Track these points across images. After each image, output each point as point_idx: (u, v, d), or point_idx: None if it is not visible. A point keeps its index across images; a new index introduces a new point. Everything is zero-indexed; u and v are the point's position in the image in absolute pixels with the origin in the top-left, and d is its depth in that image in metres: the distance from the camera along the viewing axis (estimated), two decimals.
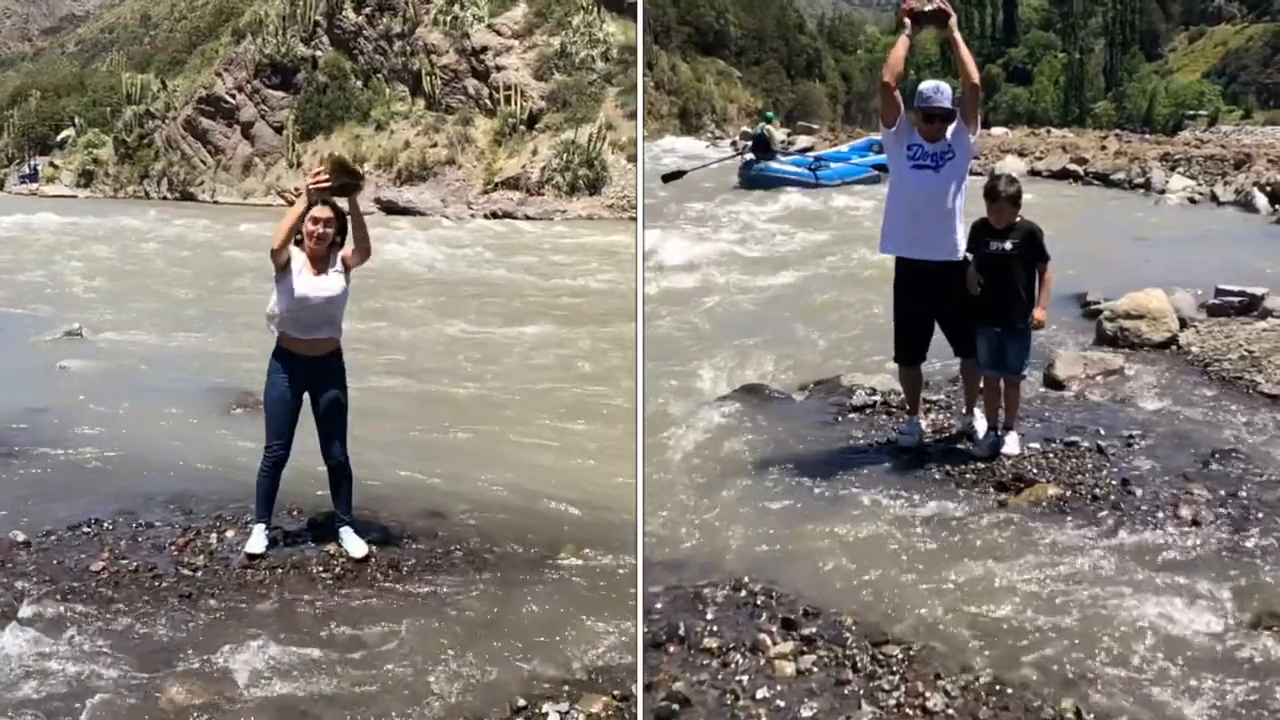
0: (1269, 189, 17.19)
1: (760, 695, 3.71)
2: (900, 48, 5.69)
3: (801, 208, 18.32)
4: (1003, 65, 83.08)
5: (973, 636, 4.03)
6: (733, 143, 27.31)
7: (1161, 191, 19.46)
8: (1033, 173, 23.69)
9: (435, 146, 31.23)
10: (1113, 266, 10.88)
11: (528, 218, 27.02)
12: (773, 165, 21.97)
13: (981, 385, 5.93)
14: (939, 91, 5.60)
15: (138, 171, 36.93)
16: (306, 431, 5.19)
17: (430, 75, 32.64)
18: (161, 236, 20.93)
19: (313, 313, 5.03)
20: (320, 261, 5.06)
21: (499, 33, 32.46)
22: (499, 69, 31.94)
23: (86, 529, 5.36)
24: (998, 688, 3.72)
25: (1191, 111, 70.17)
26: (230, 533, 5.32)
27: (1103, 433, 5.93)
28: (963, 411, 6.19)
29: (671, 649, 4.03)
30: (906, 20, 5.66)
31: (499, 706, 3.89)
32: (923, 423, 6.10)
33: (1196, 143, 33.70)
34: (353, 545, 5.12)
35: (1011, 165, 24.03)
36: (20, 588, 4.69)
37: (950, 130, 5.61)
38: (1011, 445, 5.72)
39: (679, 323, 9.78)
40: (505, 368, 9.33)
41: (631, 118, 29.42)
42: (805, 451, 5.97)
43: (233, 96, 35.04)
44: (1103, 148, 28.65)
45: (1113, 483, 5.27)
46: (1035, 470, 5.49)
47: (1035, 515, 4.98)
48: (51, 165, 40.67)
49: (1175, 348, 7.71)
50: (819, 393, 7.10)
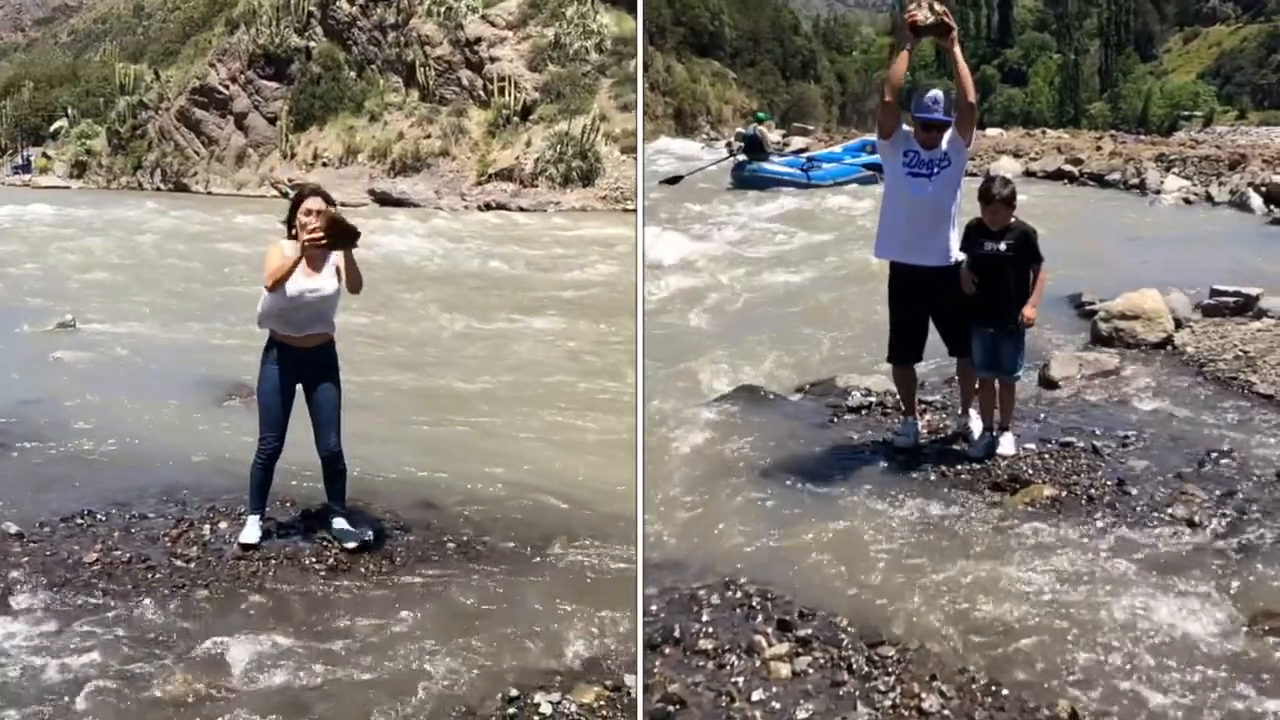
0: (1264, 189, 17.22)
1: (756, 697, 3.71)
2: (901, 63, 5.67)
3: (796, 208, 18.32)
4: (998, 66, 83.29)
5: (968, 638, 4.03)
6: (727, 144, 27.34)
7: (1157, 192, 19.49)
8: (1028, 173, 23.72)
9: (429, 138, 31.19)
10: (1108, 267, 10.90)
11: (521, 209, 26.98)
12: (765, 166, 22.02)
13: (977, 386, 5.93)
14: (938, 102, 5.58)
15: (131, 162, 36.83)
16: (301, 423, 5.18)
17: (424, 66, 32.61)
18: (155, 228, 20.86)
19: (305, 311, 5.00)
20: (314, 257, 5.02)
21: (493, 24, 32.43)
22: (493, 60, 31.91)
23: (79, 520, 5.34)
24: (993, 689, 3.72)
25: (1186, 112, 70.39)
26: (223, 524, 5.31)
27: (1098, 433, 5.94)
28: (958, 412, 6.20)
29: (667, 650, 4.02)
30: (908, 32, 5.62)
31: (491, 697, 3.90)
32: (918, 424, 6.11)
33: (1191, 143, 33.74)
34: (346, 537, 5.12)
35: (1006, 166, 24.05)
36: (13, 579, 4.68)
37: (946, 138, 5.62)
38: (1007, 446, 5.72)
39: (677, 323, 9.78)
40: (504, 361, 9.32)
41: (625, 109, 29.41)
42: (801, 453, 5.97)
43: (226, 87, 34.96)
44: (1098, 148, 28.68)
45: (1108, 483, 5.27)
46: (1031, 471, 5.49)
47: (1031, 516, 4.98)
48: (44, 156, 40.54)
49: (1170, 348, 7.72)
50: (815, 394, 7.10)
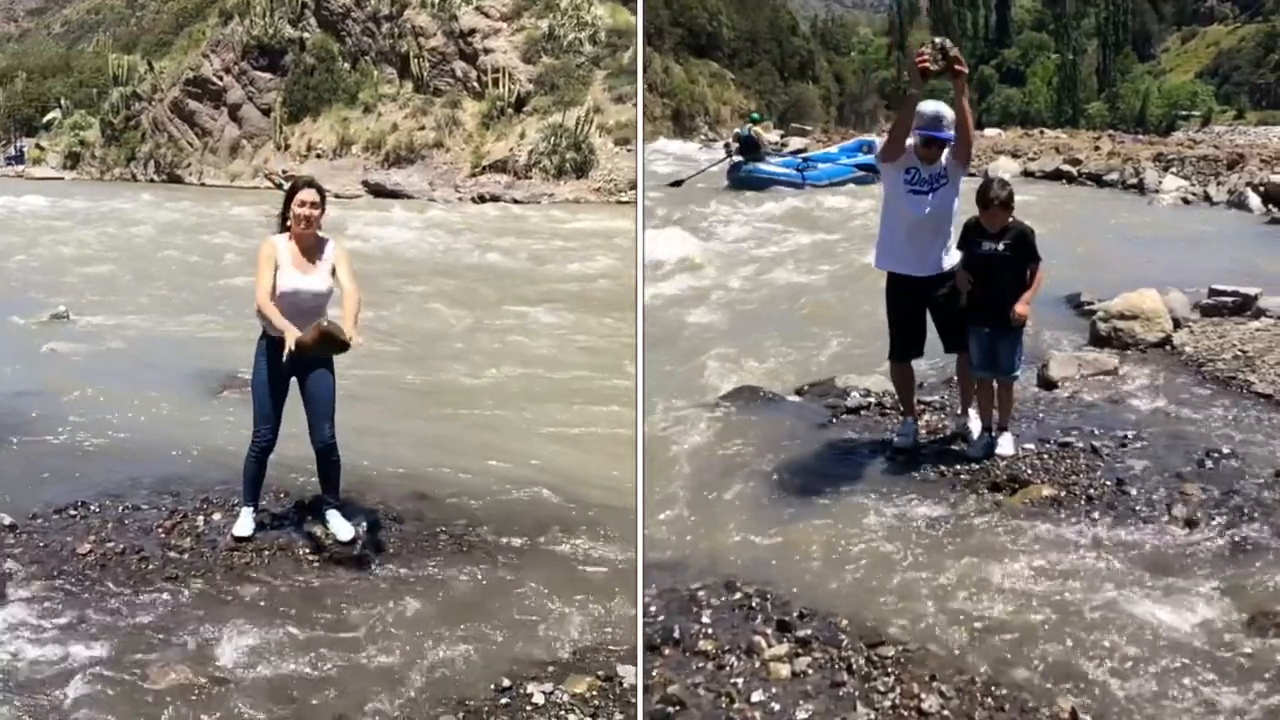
0: (1262, 189, 17.24)
1: (755, 698, 3.71)
2: (908, 115, 5.58)
3: (792, 208, 18.33)
4: (996, 66, 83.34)
5: (968, 638, 4.03)
6: (725, 145, 27.40)
7: (1155, 192, 19.51)
8: (1026, 174, 23.75)
9: (423, 129, 31.19)
10: (1106, 267, 10.91)
11: (515, 201, 26.93)
12: (761, 166, 22.10)
13: (975, 386, 5.93)
14: (940, 119, 5.55)
15: (124, 154, 36.80)
16: (295, 416, 5.18)
17: (418, 57, 32.59)
18: (149, 219, 20.88)
19: (300, 308, 4.97)
20: (309, 251, 5.01)
21: (487, 15, 32.42)
22: (487, 51, 31.90)
23: (73, 512, 5.35)
24: (993, 689, 3.72)
25: (1184, 112, 70.42)
26: (217, 515, 5.32)
27: (1097, 433, 5.94)
28: (957, 412, 6.20)
29: (667, 651, 4.02)
30: (917, 76, 5.53)
31: (484, 687, 3.92)
32: (917, 424, 6.11)
33: (1190, 143, 33.78)
34: (340, 528, 5.12)
35: (1005, 166, 24.07)
36: (6, 570, 4.69)
37: (946, 154, 5.62)
38: (1006, 446, 5.72)
39: (678, 322, 9.78)
40: (504, 355, 9.32)
41: (619, 101, 29.40)
42: (800, 453, 5.97)
43: (220, 78, 34.91)
44: (1096, 148, 28.72)
45: (1107, 483, 5.27)
46: (1030, 471, 5.49)
47: (1030, 516, 4.98)
48: (38, 147, 40.56)
49: (1169, 348, 7.72)
50: (814, 394, 7.10)
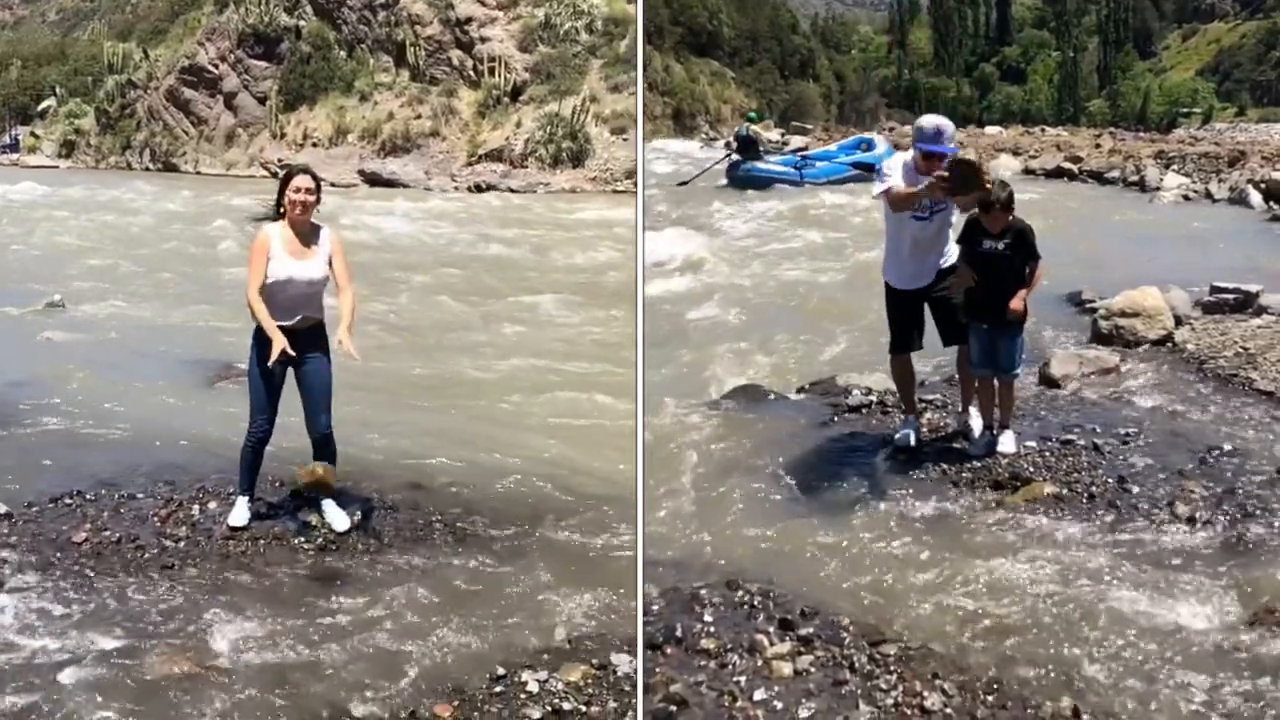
0: (1263, 186, 17.22)
1: (758, 696, 3.71)
2: (911, 195, 5.50)
3: (790, 207, 18.32)
4: (996, 64, 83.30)
5: (970, 635, 4.03)
6: (726, 144, 27.45)
7: (1156, 189, 19.49)
8: (1027, 171, 23.74)
9: (419, 118, 31.18)
10: (1108, 264, 10.91)
11: (511, 190, 26.91)
12: (759, 165, 22.14)
13: (976, 384, 5.93)
14: (940, 133, 5.52)
15: (120, 142, 36.75)
16: (291, 405, 5.19)
17: (414, 46, 32.57)
18: (145, 208, 20.91)
19: (293, 296, 4.98)
20: (304, 238, 5.01)
21: (483, 3, 32.37)
22: (483, 40, 31.88)
23: (69, 501, 5.36)
24: (995, 686, 3.72)
25: (1185, 109, 70.34)
26: (213, 504, 5.33)
27: (1099, 431, 5.94)
28: (958, 410, 6.20)
29: (669, 650, 4.02)
30: (938, 186, 5.40)
31: (479, 675, 3.93)
32: (919, 422, 6.11)
33: (1191, 140, 33.77)
34: (335, 517, 5.12)
35: (1006, 164, 24.08)
36: (2, 559, 4.70)
37: (950, 152, 5.59)
38: (1007, 444, 5.72)
39: (679, 321, 9.77)
40: (509, 346, 9.33)
41: (615, 90, 29.40)
42: (801, 452, 5.97)
43: (215, 66, 34.88)
44: (1097, 146, 28.72)
45: (1109, 481, 5.27)
46: (1032, 469, 5.48)
47: (1032, 514, 4.98)
48: (33, 135, 40.50)
49: (1171, 345, 7.72)
50: (815, 392, 7.10)
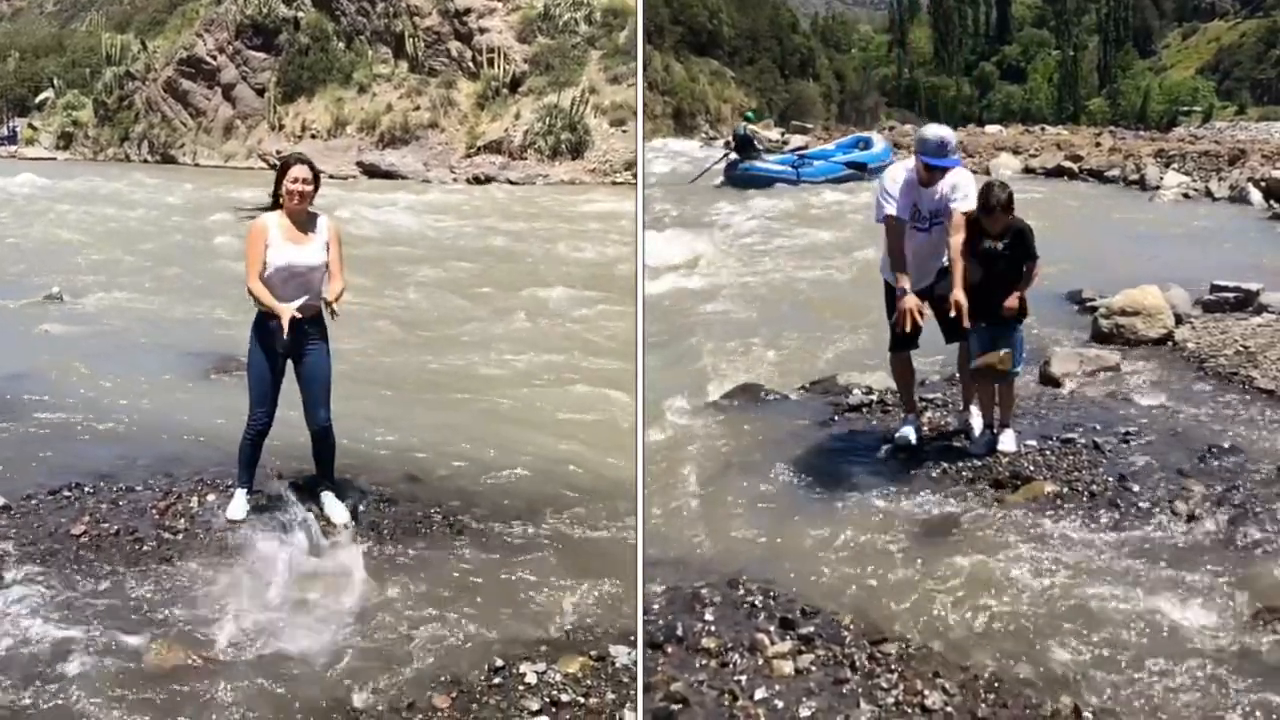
0: (1263, 184, 17.23)
1: (759, 695, 3.71)
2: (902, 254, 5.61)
3: (795, 205, 18.34)
4: (996, 63, 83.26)
5: (971, 634, 4.03)
6: (726, 143, 27.46)
7: (1156, 188, 19.49)
8: (1027, 170, 23.75)
9: (418, 109, 31.16)
10: (1108, 263, 10.91)
11: (510, 182, 26.89)
12: (757, 164, 22.16)
13: (976, 383, 5.93)
14: (944, 145, 5.48)
15: (118, 134, 36.72)
16: (291, 398, 5.19)
17: (413, 37, 32.54)
18: (144, 200, 20.92)
19: (292, 283, 4.97)
20: (302, 225, 5.01)
21: None
22: (482, 31, 31.87)
23: (67, 493, 5.36)
24: (996, 685, 3.72)
25: (1185, 108, 70.28)
26: (211, 497, 5.33)
27: (1099, 429, 5.93)
28: (959, 409, 6.19)
29: (670, 649, 4.02)
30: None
31: (477, 667, 3.94)
32: (919, 421, 6.11)
33: (1191, 139, 33.76)
34: (334, 510, 5.13)
35: (1006, 163, 24.09)
36: (1, 551, 4.70)
37: (948, 185, 5.57)
38: (1008, 443, 5.72)
39: (681, 319, 9.78)
40: (515, 340, 9.34)
41: (614, 82, 29.38)
42: (802, 451, 5.97)
43: (214, 58, 34.83)
44: (1097, 145, 28.72)
45: (1110, 479, 5.27)
46: (1032, 468, 5.48)
47: (1032, 512, 4.98)
48: (30, 127, 40.44)
49: (1171, 344, 7.72)
50: (816, 391, 7.10)
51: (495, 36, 31.61)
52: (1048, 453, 5.66)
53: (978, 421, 5.94)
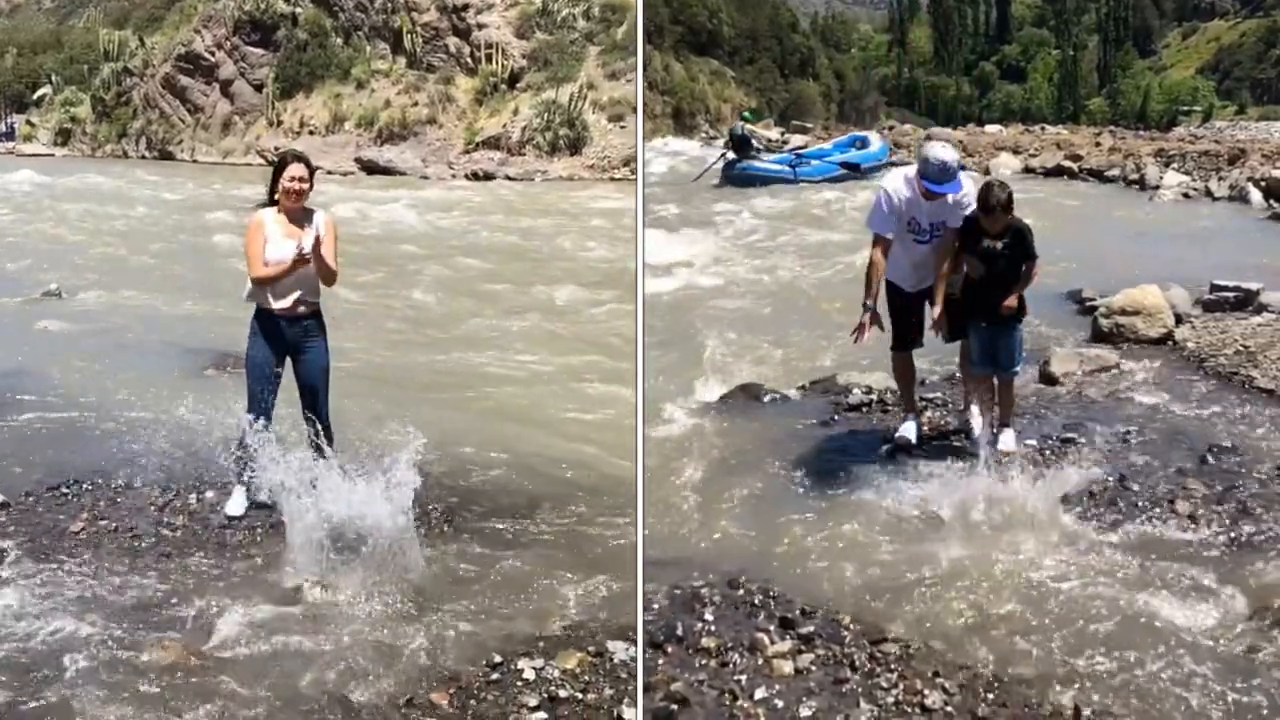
0: (1263, 184, 17.22)
1: (758, 695, 3.70)
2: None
3: (795, 204, 18.33)
4: (996, 63, 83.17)
5: (971, 633, 4.03)
6: (725, 142, 27.45)
7: (1156, 187, 19.45)
8: (1027, 170, 23.69)
9: (416, 105, 31.09)
10: (1108, 263, 10.89)
11: (509, 178, 26.85)
12: (754, 164, 22.12)
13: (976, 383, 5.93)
14: (946, 170, 5.43)
15: (116, 130, 36.59)
16: (290, 395, 5.19)
17: (411, 33, 32.47)
18: (142, 197, 20.90)
19: (289, 277, 4.98)
20: (298, 221, 5.04)
21: None
22: (480, 27, 31.78)
23: (65, 490, 5.38)
24: (996, 684, 3.72)
25: (1185, 108, 70.23)
26: (210, 493, 5.35)
27: (1099, 429, 5.93)
28: (959, 409, 6.19)
29: (669, 649, 4.02)
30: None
31: (475, 663, 3.94)
32: (919, 420, 6.10)
33: (1191, 139, 33.73)
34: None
35: (1006, 163, 24.06)
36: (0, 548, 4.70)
37: (950, 202, 5.56)
38: (1008, 442, 5.72)
39: (682, 319, 9.77)
40: (519, 338, 9.32)
41: (613, 77, 29.32)
42: (802, 450, 5.96)
43: (212, 54, 34.72)
44: (1097, 144, 28.65)
45: (1109, 479, 5.27)
46: (1032, 467, 5.48)
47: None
48: (28, 123, 40.33)
49: (1171, 344, 7.72)
50: (816, 391, 7.10)
51: (493, 32, 31.55)
52: (1048, 452, 5.66)
53: (978, 421, 5.94)
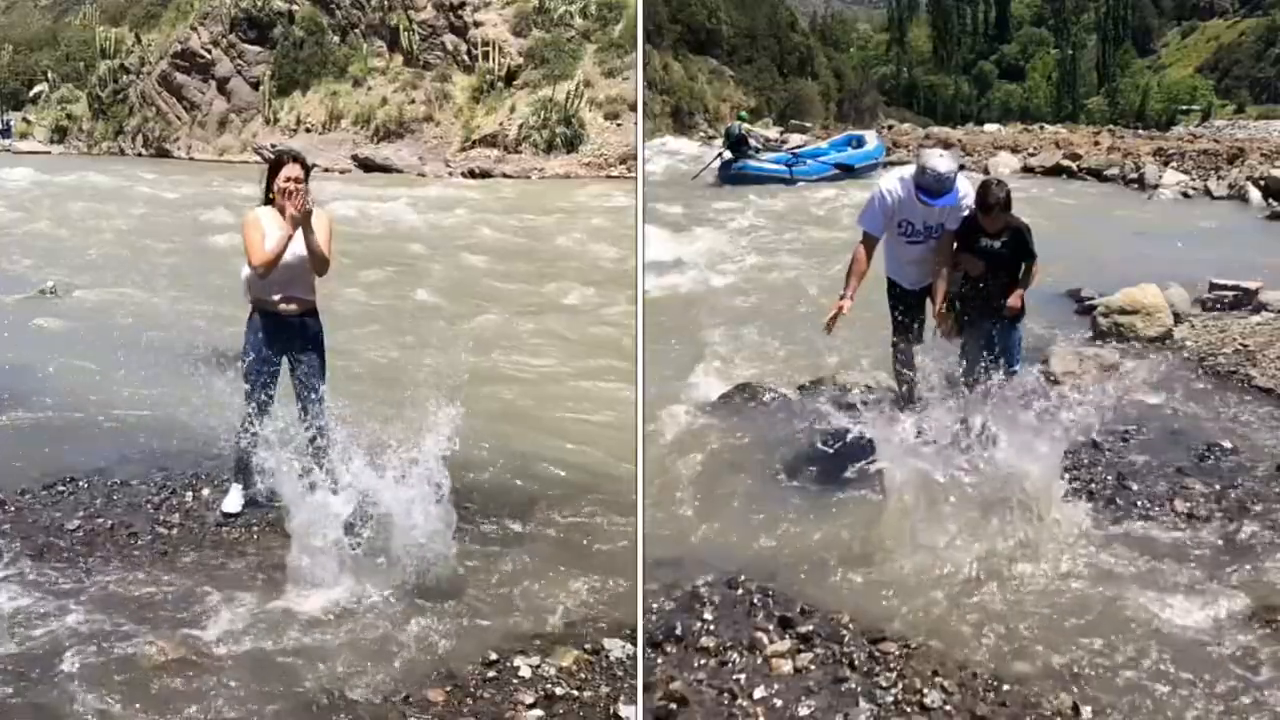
0: (1262, 183, 17.24)
1: (758, 694, 3.70)
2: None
3: (795, 203, 18.33)
4: (995, 62, 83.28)
5: (970, 632, 4.03)
6: (722, 141, 27.46)
7: (1155, 187, 19.47)
8: (1026, 169, 23.70)
9: (413, 103, 31.07)
10: (1107, 262, 10.90)
11: (505, 175, 26.82)
12: (750, 163, 22.13)
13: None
14: (941, 181, 5.41)
15: (112, 128, 36.52)
16: (288, 395, 5.19)
17: (408, 31, 32.44)
18: (140, 195, 20.88)
19: (284, 271, 4.97)
20: (294, 220, 5.01)
21: None
22: (477, 25, 31.76)
23: (62, 488, 5.38)
24: (995, 683, 3.72)
25: (1184, 106, 70.29)
26: (206, 491, 5.35)
27: (1098, 428, 5.92)
28: (960, 408, 6.18)
29: (669, 648, 4.02)
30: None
31: (472, 660, 3.94)
32: (919, 416, 6.09)
33: (1190, 137, 33.72)
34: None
35: (1005, 162, 24.06)
36: None
37: (948, 205, 5.56)
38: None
39: (681, 319, 9.76)
40: (522, 336, 9.32)
41: (609, 75, 29.31)
42: (801, 449, 5.96)
43: (208, 51, 34.65)
44: (1096, 143, 28.64)
45: (1109, 478, 5.28)
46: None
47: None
48: (25, 121, 40.30)
49: (1170, 343, 7.73)
50: (815, 391, 7.08)
51: (490, 30, 31.52)
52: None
53: (977, 420, 5.93)
